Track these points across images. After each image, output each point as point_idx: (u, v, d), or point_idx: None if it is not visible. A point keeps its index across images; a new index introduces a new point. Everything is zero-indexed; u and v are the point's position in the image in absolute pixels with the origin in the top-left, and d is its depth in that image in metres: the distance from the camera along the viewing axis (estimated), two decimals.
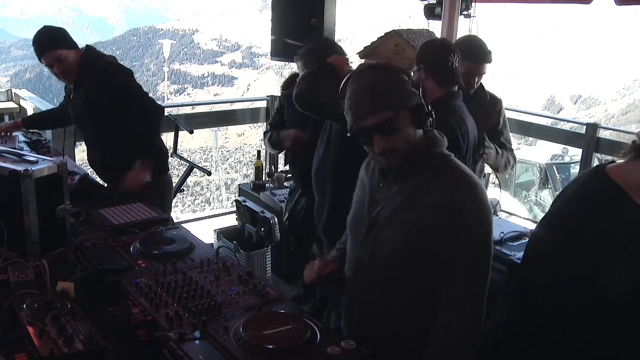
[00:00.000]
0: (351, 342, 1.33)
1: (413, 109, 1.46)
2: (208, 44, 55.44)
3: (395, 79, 1.46)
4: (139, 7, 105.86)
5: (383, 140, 1.45)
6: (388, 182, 1.53)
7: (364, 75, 1.48)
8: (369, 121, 1.44)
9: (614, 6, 2.99)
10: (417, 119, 1.47)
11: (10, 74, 53.47)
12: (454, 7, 3.54)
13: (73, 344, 1.26)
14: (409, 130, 1.46)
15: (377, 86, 1.45)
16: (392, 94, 1.44)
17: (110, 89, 2.60)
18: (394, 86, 1.45)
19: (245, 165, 24.21)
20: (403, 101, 1.44)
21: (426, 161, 1.50)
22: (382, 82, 1.45)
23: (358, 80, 1.48)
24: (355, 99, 1.46)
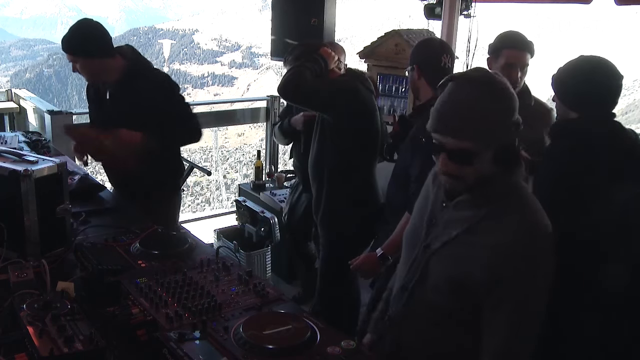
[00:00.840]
0: (351, 342, 1.33)
1: (501, 150, 1.28)
2: (208, 44, 55.44)
3: (499, 107, 1.25)
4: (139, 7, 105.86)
5: (451, 164, 1.30)
6: (452, 205, 1.38)
7: (468, 87, 1.27)
8: (445, 140, 1.28)
9: (614, 6, 2.99)
10: (502, 160, 1.29)
11: (10, 74, 53.45)
12: (454, 7, 3.54)
13: (73, 344, 1.26)
14: (485, 167, 1.29)
15: (471, 109, 1.25)
16: (486, 126, 1.25)
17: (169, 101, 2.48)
18: (492, 117, 1.25)
19: (245, 165, 24.19)
20: (494, 138, 1.26)
21: (498, 192, 1.32)
22: (480, 108, 1.24)
23: (457, 90, 1.28)
24: (443, 109, 1.29)
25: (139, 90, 2.43)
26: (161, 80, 2.52)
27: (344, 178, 2.70)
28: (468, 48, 3.58)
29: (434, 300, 1.40)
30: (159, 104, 2.41)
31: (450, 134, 1.27)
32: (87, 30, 2.42)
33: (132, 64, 2.50)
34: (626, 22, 47.20)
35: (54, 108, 3.87)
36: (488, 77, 1.29)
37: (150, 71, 2.57)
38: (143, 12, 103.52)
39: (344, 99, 2.57)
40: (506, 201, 1.32)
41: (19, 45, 62.27)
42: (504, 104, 1.27)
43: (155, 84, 2.49)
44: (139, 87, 2.44)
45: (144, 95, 2.41)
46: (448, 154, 1.29)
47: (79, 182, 2.58)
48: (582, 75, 1.87)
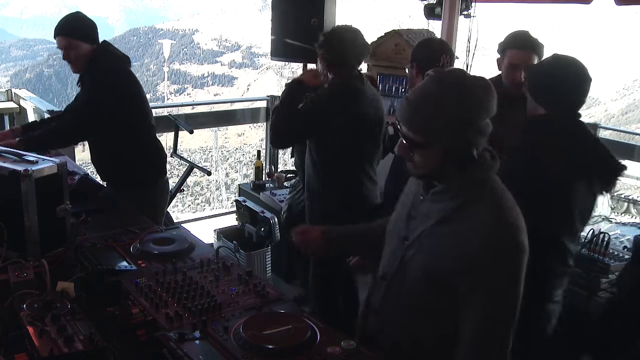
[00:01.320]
0: (351, 342, 1.33)
1: (452, 151, 1.31)
2: (208, 44, 55.43)
3: (458, 109, 1.28)
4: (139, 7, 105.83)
5: (404, 149, 1.36)
6: (428, 198, 1.42)
7: (434, 83, 1.32)
8: (402, 127, 1.35)
9: (614, 6, 2.99)
10: (452, 158, 1.32)
11: (10, 74, 53.44)
12: (454, 7, 3.54)
13: (73, 344, 1.26)
14: (437, 161, 1.33)
15: (427, 105, 1.30)
16: (437, 126, 1.29)
17: (103, 92, 2.60)
18: (447, 119, 1.28)
19: (245, 165, 24.19)
20: (443, 139, 1.30)
21: (470, 184, 1.36)
22: (436, 106, 1.29)
23: (425, 84, 1.33)
24: (409, 97, 1.35)
25: (85, 81, 2.70)
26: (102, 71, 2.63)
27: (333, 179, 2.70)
28: (468, 48, 3.58)
29: (411, 290, 1.43)
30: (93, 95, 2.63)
31: (406, 123, 1.34)
32: (80, 16, 2.68)
33: (94, 54, 2.65)
34: (626, 22, 47.19)
35: (54, 108, 3.87)
36: (458, 78, 1.32)
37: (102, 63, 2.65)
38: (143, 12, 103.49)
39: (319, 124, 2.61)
40: (479, 193, 1.35)
41: (19, 45, 62.25)
42: (464, 106, 1.29)
43: (97, 76, 2.63)
44: (87, 78, 2.68)
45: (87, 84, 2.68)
46: (405, 138, 1.35)
47: (79, 182, 2.58)
48: (553, 73, 1.93)
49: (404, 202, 1.55)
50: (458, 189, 1.36)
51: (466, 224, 1.32)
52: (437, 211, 1.38)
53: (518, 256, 1.31)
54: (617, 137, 5.32)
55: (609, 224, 2.99)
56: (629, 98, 44.48)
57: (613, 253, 2.46)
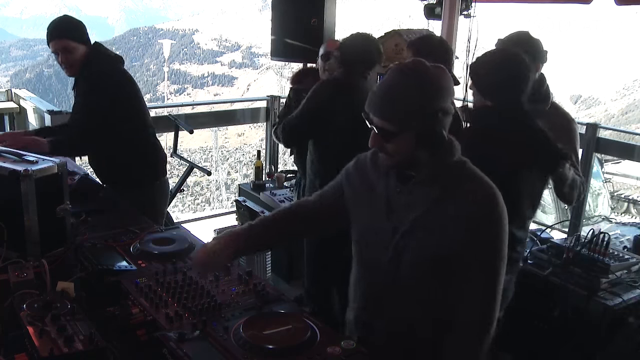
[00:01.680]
0: (351, 342, 1.33)
1: (423, 135, 1.38)
2: (208, 44, 55.44)
3: (424, 94, 1.35)
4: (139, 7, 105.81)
5: (377, 139, 1.41)
6: (408, 188, 1.46)
7: (398, 74, 1.39)
8: (374, 117, 1.40)
9: (614, 6, 2.99)
10: (424, 143, 1.39)
11: (10, 74, 53.45)
12: (454, 7, 3.54)
13: (73, 344, 1.26)
14: (408, 148, 1.40)
15: (394, 94, 1.37)
16: (406, 111, 1.36)
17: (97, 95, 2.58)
18: (414, 104, 1.35)
19: (245, 165, 24.19)
20: (413, 124, 1.36)
21: (446, 169, 1.44)
22: (405, 93, 1.35)
23: (389, 75, 1.40)
24: (377, 89, 1.41)
25: (80, 84, 2.67)
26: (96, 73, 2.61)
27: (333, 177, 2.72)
28: (468, 48, 3.58)
29: (406, 279, 1.47)
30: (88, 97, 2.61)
31: (377, 113, 1.39)
32: (70, 18, 2.67)
33: (87, 56, 2.62)
34: (626, 22, 47.20)
35: (54, 108, 3.86)
36: (418, 67, 1.39)
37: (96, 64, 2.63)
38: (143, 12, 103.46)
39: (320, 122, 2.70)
40: (457, 176, 1.43)
41: (19, 45, 62.25)
42: (428, 92, 1.36)
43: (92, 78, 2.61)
44: (81, 80, 2.66)
45: (82, 87, 2.66)
46: (376, 129, 1.40)
47: (79, 182, 2.58)
48: (495, 65, 2.02)
49: (373, 200, 1.55)
50: (435, 175, 1.43)
51: (457, 205, 1.39)
52: (421, 199, 1.44)
53: (505, 223, 1.42)
54: (617, 137, 5.31)
55: (609, 224, 3.00)
56: (629, 98, 44.49)
57: (613, 253, 2.46)
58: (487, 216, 1.40)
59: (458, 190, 1.41)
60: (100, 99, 2.58)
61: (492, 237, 1.40)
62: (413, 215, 1.45)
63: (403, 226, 1.46)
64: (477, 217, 1.39)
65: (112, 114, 2.59)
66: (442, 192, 1.42)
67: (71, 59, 2.60)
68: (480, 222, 1.39)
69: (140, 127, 2.80)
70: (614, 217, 9.16)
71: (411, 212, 1.45)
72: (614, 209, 9.41)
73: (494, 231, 1.40)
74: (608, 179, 9.43)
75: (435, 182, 1.43)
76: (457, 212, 1.39)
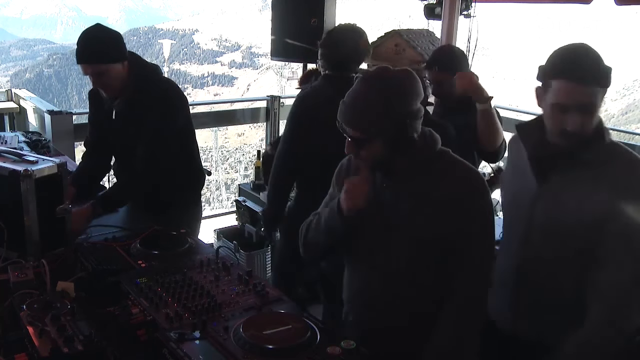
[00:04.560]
0: (351, 342, 1.33)
1: (392, 140, 1.43)
2: (208, 44, 55.47)
3: (389, 100, 1.40)
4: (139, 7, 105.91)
5: (352, 147, 1.47)
6: (395, 182, 1.52)
7: (362, 83, 1.45)
8: (345, 128, 1.45)
9: (614, 6, 2.99)
10: (395, 146, 1.45)
11: (10, 74, 53.49)
12: (454, 7, 3.54)
13: (73, 344, 1.26)
14: (380, 152, 1.45)
15: (362, 102, 1.42)
16: (371, 119, 1.41)
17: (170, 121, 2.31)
18: (379, 111, 1.40)
19: (245, 166, 24.20)
20: (380, 130, 1.42)
21: (430, 160, 1.51)
22: (369, 101, 1.41)
23: (358, 84, 1.46)
24: (345, 101, 1.46)
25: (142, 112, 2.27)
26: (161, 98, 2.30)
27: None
28: (468, 48, 3.58)
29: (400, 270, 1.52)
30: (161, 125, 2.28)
31: (346, 121, 1.44)
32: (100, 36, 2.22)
33: (132, 75, 2.28)
34: (626, 22, 47.21)
35: (54, 108, 3.87)
36: (381, 74, 1.44)
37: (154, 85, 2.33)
38: (143, 12, 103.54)
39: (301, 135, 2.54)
40: (440, 165, 1.50)
41: (19, 45, 62.27)
42: (391, 98, 1.40)
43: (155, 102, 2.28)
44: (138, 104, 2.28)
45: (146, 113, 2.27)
46: (350, 138, 1.46)
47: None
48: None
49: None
50: (418, 168, 1.49)
51: (445, 189, 1.46)
52: (410, 190, 1.49)
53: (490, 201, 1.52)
54: (617, 137, 5.31)
55: None
56: (629, 98, 44.50)
57: None
58: (478, 194, 1.49)
59: (445, 178, 1.48)
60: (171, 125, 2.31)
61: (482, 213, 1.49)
62: (403, 207, 1.50)
63: (395, 219, 1.50)
64: (468, 197, 1.47)
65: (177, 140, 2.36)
66: (429, 181, 1.48)
67: (106, 81, 2.25)
68: (472, 202, 1.47)
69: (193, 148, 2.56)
70: None
71: (401, 204, 1.50)
72: None
73: (484, 208, 1.50)
74: None
75: (420, 173, 1.49)
76: (447, 194, 1.45)
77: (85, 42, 2.19)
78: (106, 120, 2.41)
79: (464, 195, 1.47)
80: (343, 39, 2.51)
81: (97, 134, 2.54)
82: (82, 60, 2.20)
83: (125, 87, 2.28)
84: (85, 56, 2.19)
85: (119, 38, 2.26)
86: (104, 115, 2.42)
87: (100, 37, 2.21)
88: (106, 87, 2.29)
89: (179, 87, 2.48)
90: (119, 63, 2.22)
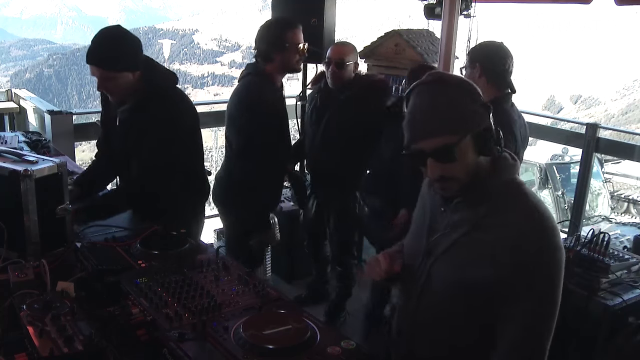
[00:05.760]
0: (351, 342, 1.33)
1: (479, 135, 1.28)
2: (208, 44, 55.47)
3: (463, 96, 1.28)
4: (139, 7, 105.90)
5: (438, 167, 1.29)
6: (451, 208, 1.38)
7: (428, 88, 1.31)
8: (425, 144, 1.28)
9: (614, 6, 2.98)
10: (483, 145, 1.29)
11: (10, 74, 53.47)
12: (454, 7, 3.53)
13: (73, 344, 1.26)
14: (470, 159, 1.29)
15: (439, 104, 1.27)
16: (457, 116, 1.27)
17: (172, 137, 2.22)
18: (460, 106, 1.27)
19: None
20: (469, 125, 1.27)
21: (494, 190, 1.33)
22: (447, 100, 1.27)
23: (421, 94, 1.31)
24: (413, 117, 1.30)
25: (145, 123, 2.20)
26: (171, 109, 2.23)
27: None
28: (468, 48, 3.58)
29: (442, 306, 1.39)
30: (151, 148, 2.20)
31: (428, 135, 1.28)
32: (115, 40, 2.13)
33: (149, 87, 2.20)
34: (626, 22, 47.22)
35: (54, 108, 3.87)
36: (439, 77, 1.33)
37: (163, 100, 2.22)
38: (143, 12, 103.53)
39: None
40: (504, 197, 1.32)
41: (19, 45, 62.26)
42: (467, 93, 1.30)
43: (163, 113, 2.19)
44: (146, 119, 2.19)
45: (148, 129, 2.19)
46: (432, 156, 1.29)
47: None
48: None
49: (420, 218, 1.51)
50: (483, 194, 1.33)
51: (502, 228, 1.28)
52: (462, 221, 1.34)
53: (558, 257, 1.29)
54: (617, 137, 5.31)
55: (609, 224, 3.00)
56: (629, 98, 44.50)
57: (613, 253, 2.46)
58: (539, 244, 1.27)
59: (504, 215, 1.30)
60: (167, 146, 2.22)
61: (543, 265, 1.27)
62: (452, 238, 1.36)
63: (437, 250, 1.39)
64: (528, 244, 1.26)
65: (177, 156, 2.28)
66: (488, 214, 1.31)
67: (112, 88, 2.17)
68: (532, 249, 1.26)
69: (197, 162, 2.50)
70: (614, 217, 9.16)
71: (451, 234, 1.36)
72: (614, 209, 9.41)
73: (545, 259, 1.27)
74: (608, 179, 9.44)
75: (483, 202, 1.32)
76: (498, 238, 1.28)
77: (98, 44, 2.10)
78: (112, 124, 2.37)
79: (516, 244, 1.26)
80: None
81: (106, 136, 2.52)
82: (91, 61, 2.10)
83: (132, 95, 2.20)
84: (95, 58, 2.10)
85: (136, 45, 2.16)
86: (112, 119, 2.37)
87: (116, 42, 2.11)
88: (110, 92, 2.22)
89: (188, 102, 2.42)
90: (129, 72, 2.13)
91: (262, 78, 2.66)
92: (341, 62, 2.95)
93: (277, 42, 2.60)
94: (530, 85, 45.28)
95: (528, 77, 45.27)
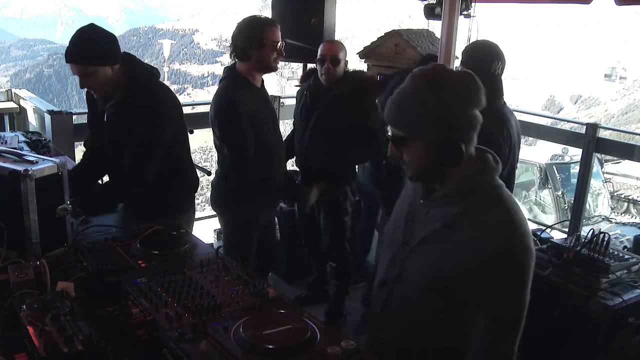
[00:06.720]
0: (351, 342, 1.33)
1: (433, 144, 1.31)
2: (208, 44, 55.46)
3: (434, 101, 1.28)
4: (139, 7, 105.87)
5: (394, 149, 1.38)
6: (429, 201, 1.41)
7: (415, 79, 1.34)
8: (389, 127, 1.38)
9: (614, 6, 2.99)
10: (437, 154, 1.31)
11: (10, 74, 53.50)
12: (454, 7, 3.53)
13: (73, 344, 1.26)
14: (421, 158, 1.34)
15: (407, 100, 1.32)
16: (412, 120, 1.31)
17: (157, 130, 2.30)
18: (420, 111, 1.30)
19: None
20: (418, 133, 1.31)
21: (473, 189, 1.34)
22: (415, 100, 1.31)
23: (408, 80, 1.35)
24: (390, 98, 1.37)
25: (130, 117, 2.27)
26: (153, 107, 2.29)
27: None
28: None
29: (413, 299, 1.42)
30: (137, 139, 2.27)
31: (388, 120, 1.37)
32: (92, 35, 2.21)
33: (131, 81, 2.28)
34: (626, 22, 47.23)
35: (54, 108, 3.87)
36: (434, 73, 1.33)
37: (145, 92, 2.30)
38: (143, 12, 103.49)
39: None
40: (480, 199, 1.34)
41: (19, 45, 62.26)
42: (439, 99, 1.29)
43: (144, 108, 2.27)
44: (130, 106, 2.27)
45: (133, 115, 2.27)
46: (391, 139, 1.38)
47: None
48: None
49: (402, 205, 1.53)
50: (460, 193, 1.34)
51: (473, 229, 1.30)
52: (439, 216, 1.37)
53: (527, 260, 1.31)
54: (617, 137, 5.31)
55: (609, 224, 3.00)
56: (629, 98, 44.49)
57: (613, 253, 2.46)
58: (509, 246, 1.28)
59: (484, 214, 1.31)
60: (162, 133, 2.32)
61: (511, 267, 1.29)
62: (426, 231, 1.39)
63: (413, 241, 1.42)
64: (498, 245, 1.28)
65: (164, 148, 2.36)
66: (464, 213, 1.33)
67: (92, 83, 2.24)
68: (501, 251, 1.27)
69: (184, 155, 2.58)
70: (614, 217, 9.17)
71: (426, 228, 1.39)
72: (614, 209, 9.41)
73: (514, 261, 1.29)
74: (608, 179, 9.45)
75: (459, 201, 1.34)
76: (469, 238, 1.30)
77: (75, 42, 2.18)
78: (99, 122, 2.43)
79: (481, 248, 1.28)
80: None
81: (94, 135, 2.56)
82: (69, 59, 2.19)
83: (116, 90, 2.27)
84: (73, 56, 2.18)
85: (111, 40, 2.24)
86: (98, 117, 2.43)
87: (91, 38, 2.20)
88: (93, 89, 2.29)
89: (172, 94, 2.47)
90: (108, 66, 2.20)
91: (236, 81, 2.66)
92: (336, 59, 2.98)
93: (254, 39, 2.59)
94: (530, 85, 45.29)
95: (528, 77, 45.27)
